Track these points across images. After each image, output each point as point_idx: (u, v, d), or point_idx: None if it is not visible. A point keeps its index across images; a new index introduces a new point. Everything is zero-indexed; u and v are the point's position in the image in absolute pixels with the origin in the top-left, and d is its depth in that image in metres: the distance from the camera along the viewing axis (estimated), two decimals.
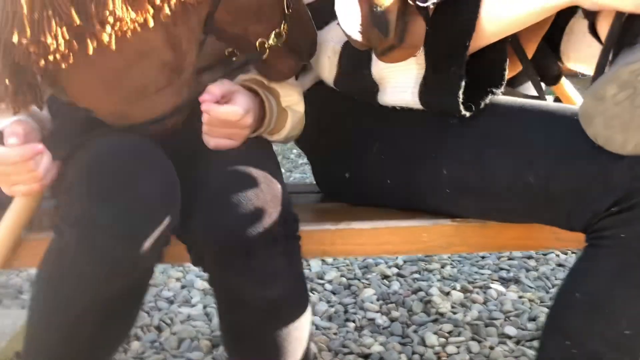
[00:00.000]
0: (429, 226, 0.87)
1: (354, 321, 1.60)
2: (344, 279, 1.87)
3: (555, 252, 2.13)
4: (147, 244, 0.70)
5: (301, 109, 0.95)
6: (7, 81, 0.73)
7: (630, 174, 0.67)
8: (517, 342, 1.50)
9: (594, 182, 0.69)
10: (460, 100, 0.77)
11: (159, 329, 1.54)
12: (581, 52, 0.94)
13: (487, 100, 0.80)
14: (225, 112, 0.78)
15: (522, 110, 0.80)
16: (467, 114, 0.79)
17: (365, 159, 0.95)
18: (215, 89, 0.79)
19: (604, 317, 0.68)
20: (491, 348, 1.46)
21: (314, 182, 1.25)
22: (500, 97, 0.83)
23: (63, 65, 0.72)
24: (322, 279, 1.89)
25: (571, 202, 0.72)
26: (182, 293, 1.75)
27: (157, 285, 1.81)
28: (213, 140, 0.82)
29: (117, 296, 0.73)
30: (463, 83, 0.76)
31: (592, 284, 0.69)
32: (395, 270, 1.95)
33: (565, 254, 2.14)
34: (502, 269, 1.99)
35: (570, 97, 0.96)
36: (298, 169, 3.62)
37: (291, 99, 0.93)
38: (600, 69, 0.71)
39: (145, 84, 0.78)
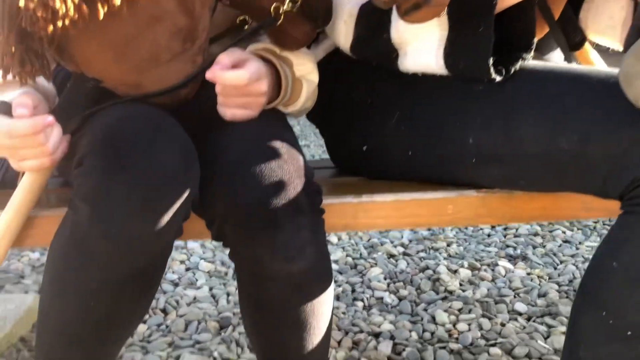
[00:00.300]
0: (454, 197, 0.84)
1: (362, 300, 1.58)
2: (349, 259, 1.85)
3: (562, 228, 2.13)
4: (165, 217, 0.67)
5: (315, 78, 0.91)
6: (13, 49, 0.69)
7: None
8: (528, 319, 1.49)
9: (634, 145, 0.67)
10: (491, 62, 0.74)
11: (165, 311, 1.51)
12: (601, 24, 0.91)
13: (517, 67, 0.77)
14: (230, 78, 0.74)
15: (553, 73, 0.77)
16: (498, 78, 0.76)
17: (384, 130, 0.91)
18: (225, 58, 0.75)
19: None
20: (502, 325, 1.44)
21: (324, 159, 1.22)
22: (528, 62, 0.80)
23: (72, 32, 0.68)
24: None
25: (607, 167, 0.70)
26: (187, 275, 1.73)
27: None
28: (229, 110, 0.78)
29: (135, 273, 0.70)
30: (492, 44, 0.72)
31: (630, 252, 0.67)
32: (401, 249, 1.93)
33: (572, 230, 2.13)
34: (508, 246, 1.98)
35: (595, 64, 0.93)
36: None
37: (305, 68, 0.89)
38: (638, 30, 0.68)
39: (158, 52, 0.74)
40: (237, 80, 0.74)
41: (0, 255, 0.76)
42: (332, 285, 0.80)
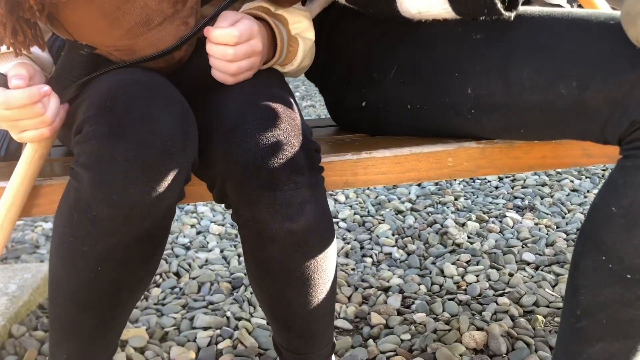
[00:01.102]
0: (454, 150, 0.84)
1: (370, 256, 1.60)
2: (357, 217, 1.86)
3: (570, 177, 2.12)
4: (166, 181, 0.67)
5: (312, 36, 0.90)
6: (4, 19, 0.68)
7: None
8: (536, 268, 1.50)
9: (633, 89, 0.66)
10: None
11: (177, 275, 1.55)
12: None
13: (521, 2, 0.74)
14: (219, 35, 0.73)
15: (551, 18, 0.75)
16: (508, 14, 0.73)
17: (383, 84, 0.91)
18: (219, 24, 0.74)
19: None
20: (510, 275, 1.46)
21: (326, 117, 1.22)
22: (526, 7, 0.78)
23: None
24: (335, 217, 1.88)
25: (606, 112, 0.69)
26: (198, 239, 1.75)
27: (172, 233, 1.81)
28: (220, 74, 0.77)
29: (139, 238, 0.71)
30: None
31: (629, 196, 0.66)
32: (408, 205, 1.94)
33: (580, 179, 2.12)
34: (516, 197, 1.98)
35: (597, 7, 0.90)
36: (302, 112, 3.58)
37: (300, 26, 0.88)
38: None
39: (149, 15, 0.74)
40: (228, 39, 0.73)
41: (8, 225, 0.77)
42: (335, 241, 0.80)
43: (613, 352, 0.73)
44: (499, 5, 0.73)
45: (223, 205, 0.77)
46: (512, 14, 0.74)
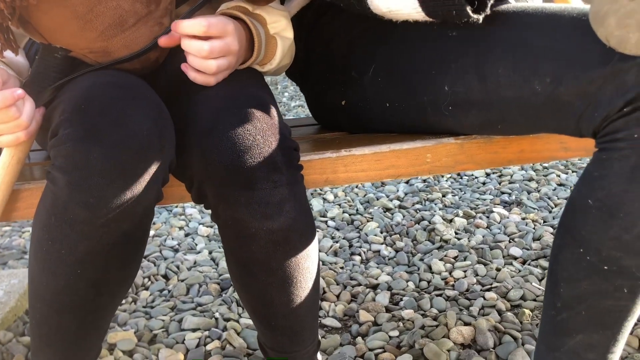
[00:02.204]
0: (432, 146, 0.84)
1: (359, 254, 1.61)
2: (346, 215, 1.87)
3: (556, 172, 2.13)
4: (142, 183, 0.67)
5: (290, 35, 0.90)
6: None
7: None
8: (523, 262, 1.51)
9: (606, 83, 0.66)
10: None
11: (166, 277, 1.54)
12: None
13: (492, 1, 0.74)
14: (186, 26, 0.72)
15: (525, 14, 0.76)
16: (476, 17, 0.74)
17: (362, 83, 0.91)
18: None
19: (619, 221, 0.66)
20: (498, 270, 1.47)
21: (310, 116, 1.22)
22: (501, 4, 0.79)
23: (32, 1, 0.68)
24: (324, 216, 1.88)
25: (581, 106, 0.69)
26: (186, 241, 1.75)
27: (160, 235, 1.80)
28: (192, 73, 0.76)
29: (118, 240, 0.71)
30: None
31: (605, 188, 0.67)
32: (397, 202, 1.95)
33: (566, 173, 2.13)
34: (503, 192, 1.99)
35: (570, 1, 0.91)
36: (291, 112, 3.58)
37: (279, 25, 0.88)
38: None
39: (123, 16, 0.74)
40: (195, 29, 0.72)
41: None
42: (316, 239, 0.80)
43: (593, 343, 0.74)
44: (468, 8, 0.73)
45: (202, 205, 0.77)
46: (481, 17, 0.75)
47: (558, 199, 1.90)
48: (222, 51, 0.74)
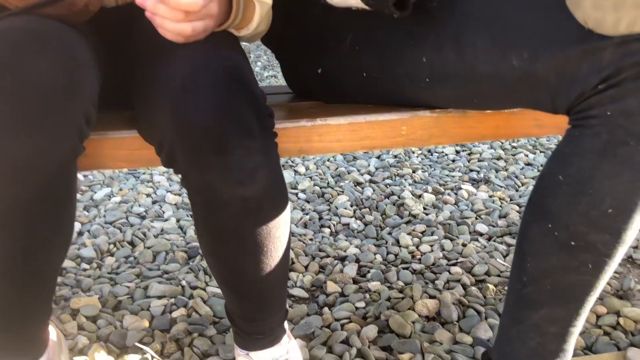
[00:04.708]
0: (408, 118, 0.84)
1: (329, 227, 1.61)
2: (317, 188, 1.86)
3: (524, 152, 2.17)
4: (52, 135, 0.63)
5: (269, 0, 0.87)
6: None
7: (622, 50, 0.64)
8: (489, 239, 1.54)
9: (582, 61, 0.66)
10: None
11: (132, 244, 1.52)
12: None
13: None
14: (182, 3, 0.68)
15: None
16: (399, 13, 0.75)
17: (339, 51, 0.89)
18: None
19: (588, 197, 0.67)
20: (464, 245, 1.49)
21: (284, 85, 1.20)
22: None
23: None
24: (295, 188, 1.88)
25: (556, 83, 0.70)
26: (153, 208, 1.72)
27: (127, 202, 1.77)
28: (169, 34, 0.73)
29: (35, 197, 0.66)
30: None
31: (576, 164, 0.68)
32: (367, 177, 1.95)
33: (534, 153, 2.17)
34: (472, 170, 2.01)
35: None
36: (264, 82, 3.53)
37: None
38: None
39: None
40: (191, 6, 0.68)
41: None
42: (289, 208, 0.80)
43: (556, 317, 0.76)
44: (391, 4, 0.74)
45: (171, 171, 0.75)
46: (404, 13, 0.76)
47: (525, 178, 1.93)
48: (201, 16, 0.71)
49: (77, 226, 1.61)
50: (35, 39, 0.64)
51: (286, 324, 0.94)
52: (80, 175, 1.99)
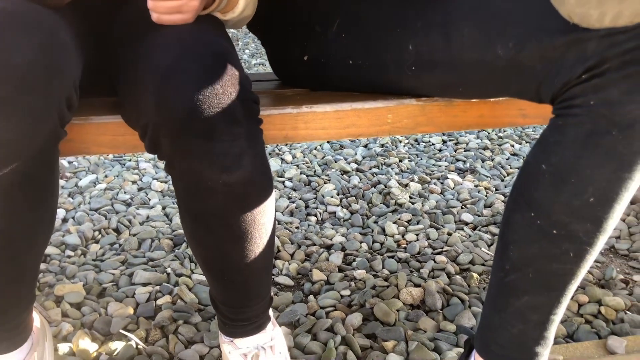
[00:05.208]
0: (394, 106, 0.84)
1: (315, 215, 1.61)
2: (304, 176, 1.86)
3: (510, 142, 2.18)
4: (30, 118, 0.62)
5: None
6: None
7: (607, 41, 0.64)
8: (474, 228, 1.55)
9: (568, 50, 0.67)
10: None
11: (117, 231, 1.51)
12: None
13: None
14: None
15: None
16: None
17: (325, 38, 0.89)
18: None
19: (570, 187, 0.67)
20: (449, 234, 1.50)
21: (270, 72, 1.20)
22: None
23: None
24: (282, 176, 1.88)
25: (542, 72, 0.70)
26: (139, 195, 1.71)
27: (112, 189, 1.76)
28: (157, 15, 0.73)
29: (16, 181, 0.65)
30: None
31: (558, 154, 0.68)
32: (354, 165, 1.96)
33: (520, 143, 2.18)
34: (458, 160, 2.02)
35: None
36: (252, 70, 3.51)
37: None
38: None
39: None
40: None
41: None
42: (273, 195, 0.79)
43: (537, 305, 0.77)
44: None
45: (156, 156, 0.74)
46: None
47: (511, 168, 1.94)
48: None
49: (61, 213, 1.60)
50: (14, 21, 0.63)
51: (271, 312, 0.94)
52: (65, 162, 1.97)
